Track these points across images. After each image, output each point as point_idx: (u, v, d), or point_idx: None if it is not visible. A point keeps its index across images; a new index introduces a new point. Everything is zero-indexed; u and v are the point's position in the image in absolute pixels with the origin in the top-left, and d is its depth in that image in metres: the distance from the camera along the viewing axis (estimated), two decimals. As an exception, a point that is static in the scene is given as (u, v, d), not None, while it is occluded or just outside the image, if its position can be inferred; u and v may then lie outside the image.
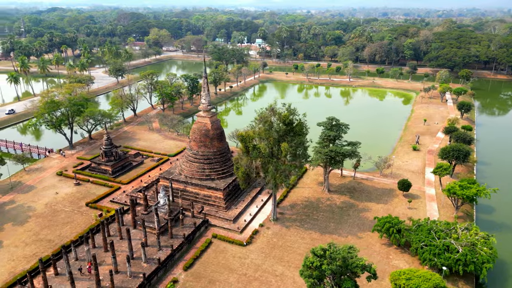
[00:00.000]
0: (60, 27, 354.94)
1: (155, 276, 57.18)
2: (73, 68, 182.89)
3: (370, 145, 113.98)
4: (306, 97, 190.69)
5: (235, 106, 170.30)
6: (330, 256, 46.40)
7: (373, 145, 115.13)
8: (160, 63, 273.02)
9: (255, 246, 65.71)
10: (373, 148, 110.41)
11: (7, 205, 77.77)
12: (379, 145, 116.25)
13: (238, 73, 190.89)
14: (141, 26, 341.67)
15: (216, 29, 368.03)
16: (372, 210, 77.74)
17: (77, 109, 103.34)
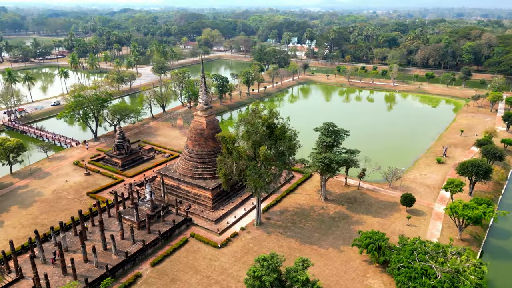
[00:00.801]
0: (124, 26, 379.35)
1: (121, 269, 58.84)
2: (119, 65, 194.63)
3: (391, 154, 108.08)
4: (346, 100, 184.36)
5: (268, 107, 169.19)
6: (268, 266, 44.41)
7: (395, 154, 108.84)
8: (208, 63, 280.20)
9: (229, 249, 64.91)
10: (392, 157, 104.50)
11: (21, 189, 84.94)
12: (401, 154, 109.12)
13: (274, 74, 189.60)
14: (195, 26, 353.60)
15: (268, 29, 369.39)
16: (366, 224, 72.98)
17: (100, 104, 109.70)
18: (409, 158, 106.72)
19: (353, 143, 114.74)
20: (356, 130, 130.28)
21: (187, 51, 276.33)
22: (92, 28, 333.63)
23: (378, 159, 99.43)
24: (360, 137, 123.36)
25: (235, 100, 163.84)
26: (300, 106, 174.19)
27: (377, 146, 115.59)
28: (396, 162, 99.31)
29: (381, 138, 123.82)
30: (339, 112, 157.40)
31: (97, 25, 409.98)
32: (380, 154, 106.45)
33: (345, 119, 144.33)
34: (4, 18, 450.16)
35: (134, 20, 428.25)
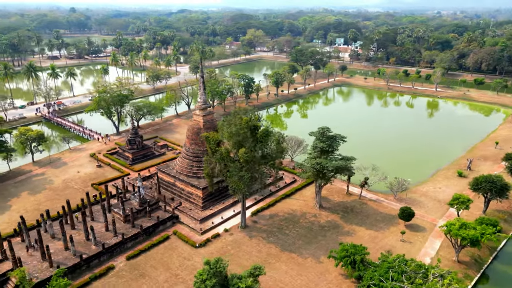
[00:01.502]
0: (175, 27, 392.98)
1: (97, 259, 60.99)
2: (158, 64, 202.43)
3: (412, 163, 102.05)
4: (383, 105, 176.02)
5: (296, 109, 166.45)
6: (209, 271, 43.61)
7: (416, 164, 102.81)
8: (248, 63, 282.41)
9: (206, 250, 64.75)
10: (412, 167, 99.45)
11: (36, 177, 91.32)
12: (423, 165, 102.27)
13: (307, 75, 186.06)
14: (241, 27, 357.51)
15: (315, 30, 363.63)
16: (355, 235, 69.14)
17: (121, 100, 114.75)
18: (429, 169, 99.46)
19: (375, 150, 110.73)
20: (383, 136, 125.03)
21: (229, 51, 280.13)
22: (144, 28, 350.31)
23: (395, 169, 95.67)
24: (385, 144, 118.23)
25: (262, 101, 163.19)
26: (330, 108, 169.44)
27: (400, 154, 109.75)
28: (413, 173, 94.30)
29: (408, 146, 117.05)
30: (369, 117, 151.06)
31: (152, 25, 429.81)
32: (400, 163, 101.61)
33: (373, 124, 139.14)
34: (70, 18, 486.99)
35: (186, 20, 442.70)
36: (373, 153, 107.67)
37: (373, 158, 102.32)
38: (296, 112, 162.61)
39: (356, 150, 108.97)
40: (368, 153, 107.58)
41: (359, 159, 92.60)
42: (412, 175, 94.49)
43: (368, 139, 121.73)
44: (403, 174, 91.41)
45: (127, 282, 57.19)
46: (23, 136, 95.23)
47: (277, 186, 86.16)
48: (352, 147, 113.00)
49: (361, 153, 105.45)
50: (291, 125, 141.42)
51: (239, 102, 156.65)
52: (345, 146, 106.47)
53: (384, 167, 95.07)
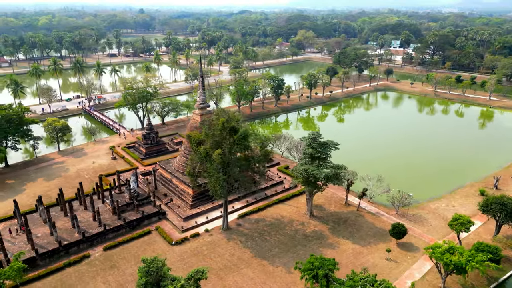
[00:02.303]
0: (230, 27, 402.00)
1: (77, 247, 64.10)
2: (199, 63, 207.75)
3: (433, 178, 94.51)
4: (428, 112, 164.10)
5: (331, 113, 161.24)
6: (143, 269, 43.72)
7: (436, 178, 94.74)
8: (295, 64, 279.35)
9: (180, 248, 65.12)
10: (431, 181, 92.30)
11: (56, 164, 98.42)
12: (444, 179, 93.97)
13: (345, 78, 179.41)
14: (293, 28, 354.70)
15: (370, 32, 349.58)
16: (338, 249, 65.26)
17: (144, 97, 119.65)
18: (452, 184, 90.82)
19: (400, 160, 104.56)
20: (414, 146, 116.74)
21: (275, 51, 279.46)
22: (198, 28, 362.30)
23: (412, 181, 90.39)
24: (414, 154, 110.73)
25: (293, 103, 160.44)
26: (367, 114, 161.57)
27: (425, 166, 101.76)
28: (432, 187, 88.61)
29: (437, 158, 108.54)
30: (405, 125, 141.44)
31: (210, 25, 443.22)
32: (421, 176, 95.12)
33: (406, 133, 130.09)
34: (137, 18, 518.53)
35: (242, 21, 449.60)
36: (396, 164, 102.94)
37: (395, 169, 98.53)
38: (331, 115, 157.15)
39: (378, 160, 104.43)
40: (391, 163, 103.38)
41: (380, 169, 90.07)
42: (429, 189, 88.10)
43: (396, 149, 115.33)
44: (418, 188, 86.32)
45: (96, 272, 59.39)
46: (49, 126, 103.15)
47: (274, 190, 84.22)
48: (375, 155, 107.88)
49: (383, 163, 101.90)
50: (324, 128, 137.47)
51: (268, 104, 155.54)
52: (367, 155, 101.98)
53: (401, 179, 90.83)
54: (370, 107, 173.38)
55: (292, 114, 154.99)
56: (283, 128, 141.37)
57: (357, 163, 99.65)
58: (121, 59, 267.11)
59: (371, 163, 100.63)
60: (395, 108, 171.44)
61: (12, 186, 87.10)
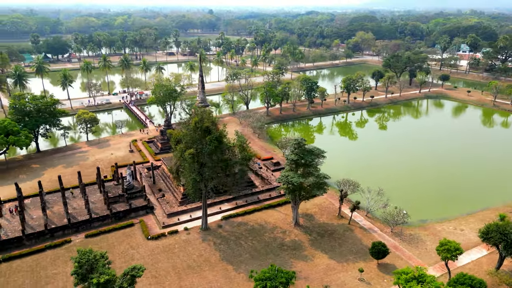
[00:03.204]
0: (289, 28, 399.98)
1: (62, 232, 68.35)
2: (244, 63, 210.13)
3: (452, 196, 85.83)
4: (483, 124, 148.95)
5: (371, 119, 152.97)
6: (76, 258, 45.23)
7: (458, 197, 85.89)
8: (347, 66, 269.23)
9: (153, 244, 66.19)
10: (449, 200, 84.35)
11: (79, 153, 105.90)
12: (468, 199, 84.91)
13: (390, 83, 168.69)
14: (352, 29, 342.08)
15: (439, 34, 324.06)
16: (311, 263, 61.66)
17: (170, 94, 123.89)
18: (472, 206, 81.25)
19: (426, 174, 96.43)
20: (449, 160, 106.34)
21: (328, 53, 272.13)
22: (255, 29, 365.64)
23: (428, 199, 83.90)
24: (441, 168, 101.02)
25: (327, 107, 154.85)
26: (410, 122, 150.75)
27: (450, 183, 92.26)
28: (447, 207, 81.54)
29: (467, 175, 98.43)
30: (448, 137, 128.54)
31: (271, 26, 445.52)
32: (440, 194, 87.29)
33: (445, 145, 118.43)
34: (203, 19, 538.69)
35: (303, 22, 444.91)
36: (422, 176, 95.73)
37: (417, 182, 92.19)
38: (372, 122, 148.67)
39: (404, 171, 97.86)
40: (417, 175, 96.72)
41: (401, 181, 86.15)
42: (445, 208, 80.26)
43: (428, 160, 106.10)
44: (431, 206, 79.69)
45: (68, 257, 62.68)
46: (79, 118, 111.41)
47: (269, 195, 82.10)
48: (402, 166, 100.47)
49: (408, 175, 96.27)
50: (362, 135, 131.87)
51: (300, 106, 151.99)
52: (394, 165, 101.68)
53: (417, 195, 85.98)
54: (415, 116, 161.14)
55: (326, 118, 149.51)
56: (315, 132, 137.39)
57: (380, 173, 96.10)
58: (177, 58, 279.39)
59: (395, 174, 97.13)
60: (442, 118, 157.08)
61: (35, 170, 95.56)
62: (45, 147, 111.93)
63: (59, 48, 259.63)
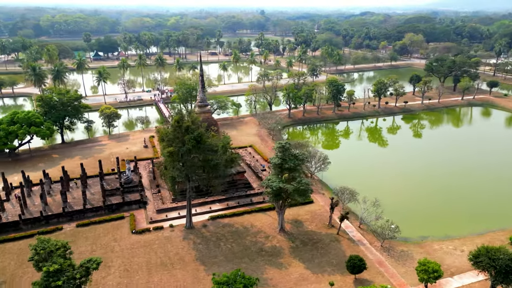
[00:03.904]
0: (336, 29, 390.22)
1: (56, 219, 72.03)
2: (278, 64, 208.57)
3: (467, 213, 79.53)
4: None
5: (403, 126, 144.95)
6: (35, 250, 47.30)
7: (473, 215, 78.98)
8: (391, 69, 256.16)
9: (136, 238, 67.42)
10: (458, 217, 78.11)
11: (98, 146, 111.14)
12: (479, 218, 77.48)
13: (427, 88, 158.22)
14: (401, 30, 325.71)
15: (499, 37, 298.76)
16: (285, 271, 59.54)
17: (189, 93, 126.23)
18: (486, 226, 73.92)
19: (445, 188, 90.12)
20: (473, 173, 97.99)
21: (371, 55, 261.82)
22: (300, 30, 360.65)
23: (436, 215, 78.63)
24: (464, 182, 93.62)
25: (355, 111, 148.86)
26: (447, 130, 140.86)
27: (468, 199, 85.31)
28: (456, 225, 74.88)
29: (490, 190, 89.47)
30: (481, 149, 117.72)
31: (320, 27, 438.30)
32: (452, 209, 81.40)
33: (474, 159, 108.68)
34: (252, 19, 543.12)
35: (351, 23, 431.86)
36: (440, 190, 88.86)
37: (430, 196, 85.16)
38: (402, 129, 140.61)
39: (424, 181, 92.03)
40: (433, 187, 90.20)
41: (411, 195, 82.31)
42: (453, 226, 73.86)
43: (449, 174, 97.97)
44: (437, 222, 73.99)
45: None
46: (101, 113, 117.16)
47: (262, 198, 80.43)
48: (424, 177, 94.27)
49: (423, 188, 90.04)
50: (393, 142, 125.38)
51: (326, 109, 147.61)
52: (415, 177, 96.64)
53: (427, 210, 79.83)
54: (452, 124, 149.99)
55: (353, 123, 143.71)
56: (341, 136, 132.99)
57: (397, 183, 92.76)
58: (218, 58, 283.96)
59: (412, 184, 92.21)
60: (483, 127, 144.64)
61: (54, 159, 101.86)
62: (72, 138, 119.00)
63: (109, 47, 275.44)
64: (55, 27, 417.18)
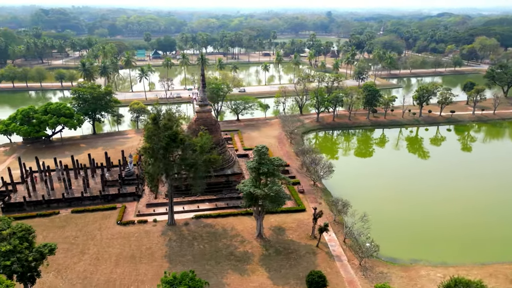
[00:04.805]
0: (401, 31, 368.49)
1: (56, 204, 77.28)
2: (323, 66, 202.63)
3: (474, 240, 70.42)
4: None
5: (448, 137, 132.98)
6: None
7: (481, 243, 69.99)
8: (455, 75, 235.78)
9: (118, 229, 69.69)
10: (468, 244, 69.57)
11: (122, 139, 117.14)
12: (491, 247, 68.17)
13: (480, 97, 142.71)
14: (473, 33, 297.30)
15: None
16: (245, 278, 57.61)
17: (216, 93, 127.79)
18: (492, 258, 64.94)
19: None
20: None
21: (432, 59, 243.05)
22: (360, 31, 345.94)
23: (445, 240, 71.52)
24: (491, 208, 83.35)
25: (392, 118, 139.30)
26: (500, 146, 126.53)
27: (488, 226, 75.90)
28: (463, 252, 66.62)
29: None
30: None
31: (387, 28, 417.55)
32: (465, 234, 73.35)
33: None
34: (316, 20, 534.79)
35: (422, 24, 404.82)
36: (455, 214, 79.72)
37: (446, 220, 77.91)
38: (452, 140, 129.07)
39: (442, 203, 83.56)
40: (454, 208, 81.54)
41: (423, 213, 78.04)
42: (458, 253, 66.16)
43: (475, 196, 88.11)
44: (439, 247, 66.85)
45: (49, 226, 70.67)
46: (131, 108, 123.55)
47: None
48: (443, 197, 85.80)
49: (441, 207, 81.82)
50: (438, 154, 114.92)
51: (360, 115, 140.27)
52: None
53: (437, 233, 72.49)
54: (498, 139, 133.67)
55: (389, 131, 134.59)
56: (375, 144, 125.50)
57: (416, 198, 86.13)
58: (269, 58, 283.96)
59: (431, 201, 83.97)
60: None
61: (80, 148, 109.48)
62: (103, 130, 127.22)
63: (167, 46, 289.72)
64: (128, 27, 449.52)
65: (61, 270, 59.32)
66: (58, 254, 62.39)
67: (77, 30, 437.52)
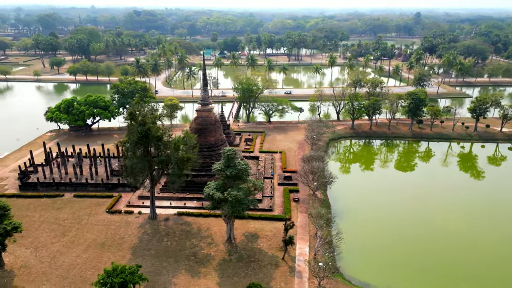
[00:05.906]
0: (496, 33, 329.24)
1: (64, 187, 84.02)
2: (381, 70, 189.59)
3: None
4: None
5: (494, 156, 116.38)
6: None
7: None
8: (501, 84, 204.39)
9: (104, 216, 73.47)
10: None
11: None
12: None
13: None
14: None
15: None
16: (195, 280, 57.07)
17: (249, 94, 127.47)
18: None
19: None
20: None
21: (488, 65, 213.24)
22: (440, 33, 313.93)
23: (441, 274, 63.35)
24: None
25: (440, 131, 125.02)
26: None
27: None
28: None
29: None
30: None
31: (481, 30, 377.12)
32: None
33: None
34: (399, 22, 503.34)
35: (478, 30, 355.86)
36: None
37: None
38: (500, 159, 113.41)
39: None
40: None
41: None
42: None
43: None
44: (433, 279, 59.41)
45: (52, 206, 77.01)
46: (165, 104, 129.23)
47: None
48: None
49: None
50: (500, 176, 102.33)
51: (402, 125, 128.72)
52: None
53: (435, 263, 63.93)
54: None
55: (435, 145, 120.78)
56: (418, 158, 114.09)
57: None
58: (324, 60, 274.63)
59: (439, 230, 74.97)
60: None
61: (111, 138, 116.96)
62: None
63: (233, 46, 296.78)
64: (207, 27, 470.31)
65: (39, 248, 64.33)
66: (43, 233, 68.59)
67: (162, 30, 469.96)
